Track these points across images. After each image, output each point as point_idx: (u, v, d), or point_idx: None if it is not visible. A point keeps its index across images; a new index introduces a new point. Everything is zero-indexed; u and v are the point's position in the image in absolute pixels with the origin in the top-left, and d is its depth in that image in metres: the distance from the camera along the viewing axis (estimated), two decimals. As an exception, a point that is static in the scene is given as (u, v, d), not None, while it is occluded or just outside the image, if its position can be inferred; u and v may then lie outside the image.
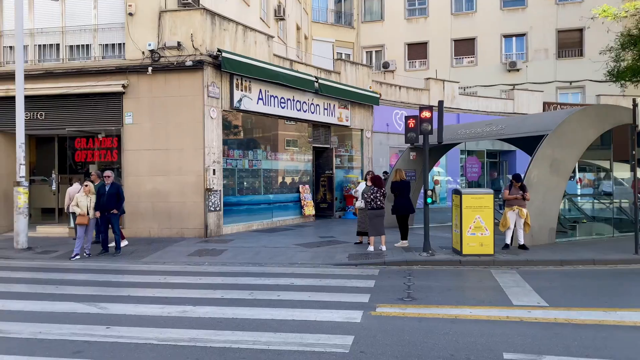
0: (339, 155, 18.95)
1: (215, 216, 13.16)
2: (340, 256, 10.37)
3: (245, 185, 14.90)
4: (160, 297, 7.16)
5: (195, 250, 11.17)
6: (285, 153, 16.47)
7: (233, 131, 14.50)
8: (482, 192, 10.28)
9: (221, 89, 13.44)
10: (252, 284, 8.01)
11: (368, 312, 6.28)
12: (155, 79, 13.03)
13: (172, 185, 13.01)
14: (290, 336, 5.35)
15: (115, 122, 13.33)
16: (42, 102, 13.50)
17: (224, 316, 6.17)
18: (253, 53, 14.47)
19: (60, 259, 10.50)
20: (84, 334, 5.47)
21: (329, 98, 17.29)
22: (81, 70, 13.28)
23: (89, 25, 13.51)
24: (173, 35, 12.94)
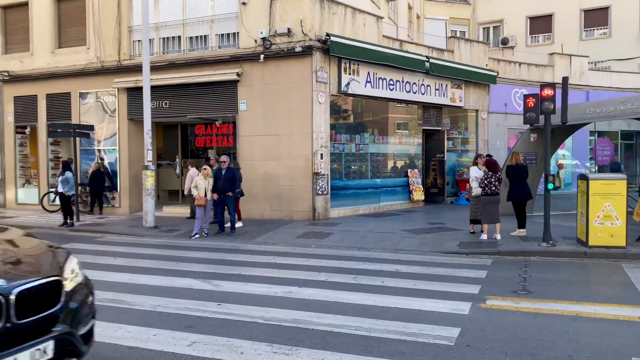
0: (451, 138, 18.20)
1: (322, 200, 13.32)
2: (450, 244, 9.96)
3: (353, 170, 14.89)
4: (268, 277, 7.39)
5: (303, 232, 11.41)
6: (393, 136, 16.16)
7: (341, 115, 14.51)
8: (614, 178, 9.23)
9: (329, 74, 13.46)
10: (356, 269, 7.97)
11: (477, 304, 5.93)
12: (267, 66, 13.39)
13: (282, 169, 13.37)
14: (392, 324, 5.21)
15: (230, 109, 13.96)
16: (166, 92, 14.54)
17: (327, 299, 6.18)
18: (362, 35, 14.29)
19: (182, 238, 11.31)
20: (197, 309, 5.79)
21: (440, 78, 16.61)
22: (199, 60, 14.06)
23: (206, 17, 14.24)
24: (283, 22, 13.18)
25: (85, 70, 15.62)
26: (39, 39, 16.55)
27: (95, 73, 15.49)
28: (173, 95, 14.57)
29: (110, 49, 15.31)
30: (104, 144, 15.83)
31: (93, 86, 15.67)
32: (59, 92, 16.14)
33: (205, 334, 4.98)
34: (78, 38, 16.08)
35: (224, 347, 4.59)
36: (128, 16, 15.19)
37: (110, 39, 15.29)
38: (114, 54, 15.24)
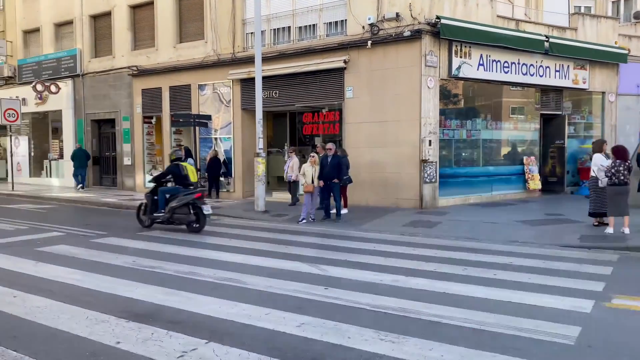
0: (573, 123, 16.82)
1: (430, 188, 13.03)
2: (569, 237, 9.27)
3: (463, 157, 14.36)
4: (374, 265, 7.41)
5: (409, 221, 11.26)
6: (507, 122, 15.31)
7: (451, 100, 14.03)
8: None
9: (439, 58, 13.05)
10: (466, 260, 7.71)
11: (601, 302, 5.47)
12: (374, 52, 13.30)
13: (388, 156, 13.26)
14: (505, 319, 4.98)
15: (337, 96, 14.10)
16: (276, 82, 15.03)
17: (435, 290, 6.06)
18: (474, 17, 13.65)
19: (290, 222, 11.70)
20: (305, 292, 5.97)
21: (561, 58, 15.37)
22: (308, 49, 14.33)
23: (314, 5, 14.46)
24: (392, 7, 12.97)
25: (203, 63, 16.63)
26: (163, 35, 17.89)
27: (212, 65, 16.43)
28: (282, 84, 15.03)
29: (225, 42, 16.13)
30: (220, 133, 16.79)
31: (210, 78, 16.65)
32: (180, 84, 17.36)
33: (314, 316, 5.12)
34: (197, 33, 17.15)
35: (332, 331, 4.69)
36: (242, 10, 15.87)
37: (225, 33, 16.11)
38: (228, 46, 16.05)
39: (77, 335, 4.59)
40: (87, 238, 9.72)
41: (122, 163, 19.57)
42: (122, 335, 4.59)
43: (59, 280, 6.54)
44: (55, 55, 21.20)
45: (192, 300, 5.67)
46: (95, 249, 8.68)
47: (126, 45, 18.99)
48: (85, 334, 4.60)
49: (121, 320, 4.96)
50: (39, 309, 5.35)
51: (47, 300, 5.66)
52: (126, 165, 19.41)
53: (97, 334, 4.60)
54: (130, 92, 18.94)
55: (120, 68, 19.10)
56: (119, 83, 19.28)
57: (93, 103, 20.27)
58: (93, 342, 4.43)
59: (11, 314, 5.19)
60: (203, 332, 4.65)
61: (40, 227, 10.98)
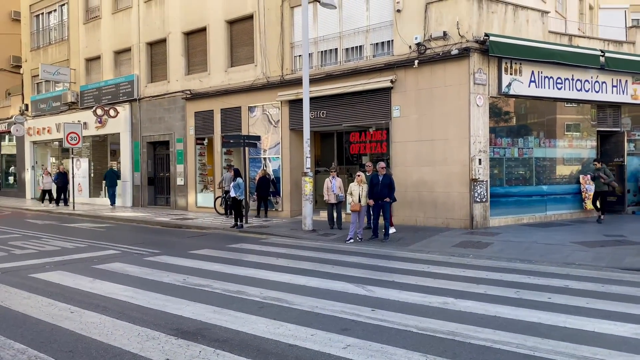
0: (633, 140, 16.05)
1: (481, 207, 12.71)
2: (631, 259, 8.79)
3: (515, 175, 13.96)
4: (422, 286, 7.26)
5: (459, 241, 11.00)
6: (562, 139, 14.80)
7: (501, 118, 13.72)
8: None
9: (488, 75, 12.85)
10: (518, 282, 7.44)
11: (667, 330, 5.14)
12: (421, 71, 13.25)
13: (437, 175, 13.08)
14: (560, 345, 4.76)
15: (384, 116, 14.09)
16: (324, 102, 15.20)
17: (486, 313, 5.87)
18: (524, 33, 13.39)
19: (337, 242, 11.68)
20: (351, 313, 5.92)
21: (618, 73, 14.79)
22: (355, 70, 14.45)
23: (361, 27, 14.59)
24: (439, 26, 12.93)
25: (253, 85, 17.06)
26: (215, 60, 18.52)
27: (261, 88, 16.84)
28: (329, 105, 15.18)
29: (274, 65, 16.51)
30: (268, 153, 17.10)
31: (259, 100, 17.05)
32: (230, 107, 17.86)
33: (360, 338, 5.06)
34: (247, 57, 17.65)
35: (378, 353, 4.62)
36: (290, 33, 16.23)
37: (274, 56, 16.50)
38: (277, 69, 16.41)
39: (128, 351, 4.74)
40: (141, 256, 10.05)
41: (175, 183, 20.23)
42: (171, 352, 4.70)
43: (113, 297, 6.78)
44: (114, 81, 22.34)
45: (239, 319, 5.74)
46: (148, 267, 8.96)
47: (180, 70, 19.77)
48: (137, 350, 4.74)
49: (170, 338, 5.08)
50: (94, 324, 5.57)
51: (101, 316, 5.88)
52: (179, 185, 20.04)
53: (147, 350, 4.73)
54: (184, 115, 19.64)
55: (174, 92, 19.87)
56: (173, 106, 20.05)
57: (149, 126, 21.15)
58: (143, 358, 4.55)
59: (68, 329, 5.42)
60: (249, 351, 4.69)
61: (98, 245, 11.47)
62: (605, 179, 13.48)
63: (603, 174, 13.53)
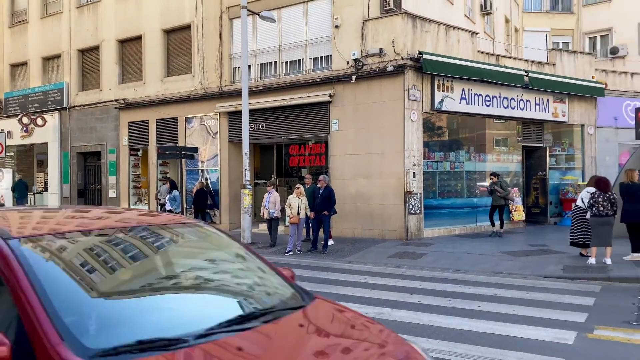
0: (554, 155, 17.16)
1: (415, 219, 13.11)
2: (553, 268, 9.35)
3: (447, 188, 14.52)
4: (359, 297, 7.39)
5: (395, 252, 11.29)
6: (490, 154, 15.58)
7: (434, 133, 14.27)
8: None
9: (422, 92, 13.34)
10: (450, 291, 7.73)
11: (583, 333, 5.51)
12: (358, 86, 13.57)
13: (374, 188, 13.38)
14: (489, 351, 4.99)
15: (323, 129, 14.28)
16: (263, 115, 15.21)
17: (420, 322, 6.06)
18: (456, 52, 14.04)
19: (276, 254, 11.65)
20: (289, 326, 5.92)
21: (541, 92, 15.80)
22: (294, 83, 14.58)
23: (300, 41, 14.77)
24: (375, 43, 13.31)
25: (191, 96, 16.80)
26: (151, 69, 18.09)
27: (199, 99, 16.61)
28: (269, 117, 15.20)
29: (212, 76, 16.35)
30: (206, 165, 16.84)
31: (197, 111, 16.80)
32: (167, 117, 17.47)
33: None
34: (184, 67, 17.38)
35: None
36: (229, 45, 16.15)
37: (212, 67, 16.35)
38: (216, 80, 16.26)
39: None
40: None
41: (107, 195, 19.45)
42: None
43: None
44: (42, 89, 21.28)
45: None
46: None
47: (114, 78, 19.14)
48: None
49: None
50: None
51: None
52: (111, 198, 19.29)
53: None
54: (117, 125, 19.00)
55: (107, 101, 19.20)
56: (106, 116, 19.35)
57: (79, 136, 20.27)
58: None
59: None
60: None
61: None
62: (501, 192, 13.28)
63: (499, 187, 13.34)
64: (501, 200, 13.41)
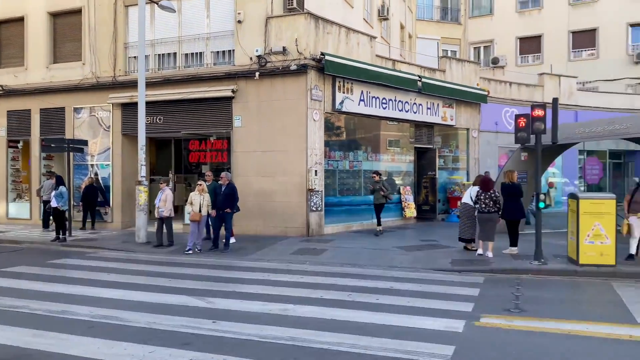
0: (443, 156, 18.39)
1: (316, 216, 13.38)
2: (442, 261, 10.04)
3: (346, 186, 14.98)
4: (263, 294, 7.40)
5: (297, 249, 11.44)
6: (386, 154, 16.31)
7: (335, 132, 14.65)
8: (603, 197, 9.39)
9: (324, 92, 13.63)
10: (351, 286, 8.00)
11: (471, 322, 5.99)
12: (262, 83, 13.53)
13: (277, 185, 13.43)
14: (388, 342, 5.25)
15: (225, 125, 14.05)
16: (161, 107, 14.60)
17: (323, 317, 6.21)
18: (355, 55, 14.51)
19: (175, 254, 11.28)
20: (192, 327, 5.79)
21: (432, 97, 16.84)
22: (195, 76, 14.18)
23: (202, 34, 14.39)
24: (279, 41, 13.35)
25: (80, 85, 15.68)
26: (34, 53, 16.60)
27: (90, 88, 15.55)
28: (168, 111, 14.64)
29: (105, 65, 15.39)
30: (97, 159, 15.82)
31: (88, 101, 15.71)
32: (53, 107, 16.15)
33: (202, 351, 4.99)
34: (73, 54, 16.16)
35: (221, 365, 4.60)
36: (124, 33, 15.30)
37: (105, 55, 15.39)
38: (109, 69, 15.32)
39: None
40: None
41: (-21, 191, 17.55)
42: (-18, 386, 4.10)
43: None
44: None
45: (65, 341, 5.24)
46: (-54, 289, 7.66)
47: (-11, 62, 17.31)
48: None
49: (-19, 370, 4.44)
50: None
51: None
52: (-15, 194, 17.44)
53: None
54: (-7, 113, 17.20)
55: (-19, 86, 17.30)
56: (-21, 103, 17.43)
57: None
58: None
59: None
60: (80, 376, 4.31)
61: None
62: (384, 191, 13.45)
63: (382, 186, 13.53)
64: (382, 199, 13.50)
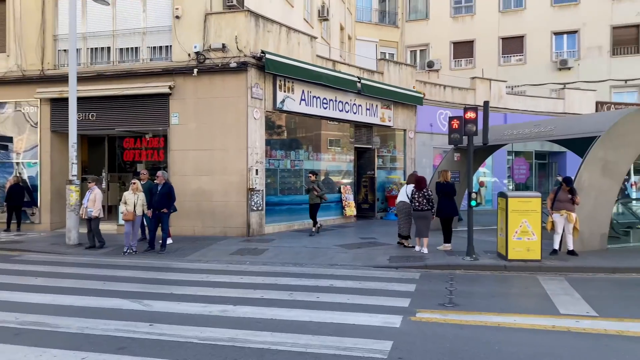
0: (381, 156, 18.80)
1: (257, 216, 13.31)
2: (381, 258, 10.27)
3: (287, 185, 14.99)
4: (202, 296, 7.28)
5: (237, 249, 11.33)
6: (327, 153, 16.47)
7: (276, 131, 14.62)
8: (530, 195, 9.95)
9: (264, 90, 13.57)
10: (291, 285, 8.03)
11: (408, 317, 6.18)
12: (201, 80, 13.29)
13: (216, 184, 13.23)
14: (328, 339, 5.32)
15: (162, 122, 13.68)
16: (94, 104, 14.01)
17: (264, 317, 6.20)
18: (296, 54, 14.54)
19: (108, 255, 10.87)
20: (128, 330, 5.62)
21: (371, 98, 17.17)
22: (130, 72, 13.70)
23: (138, 29, 13.93)
24: (218, 37, 13.16)
25: (4, 78, 14.75)
26: (-49, 43, 15.46)
27: (15, 82, 14.67)
28: (101, 107, 14.06)
29: (32, 57, 14.57)
30: (23, 157, 14.95)
31: (12, 96, 14.81)
32: (-28, 101, 15.10)
33: (137, 355, 4.86)
34: (-4, 44, 15.19)
35: (159, 369, 4.50)
36: (53, 24, 14.55)
37: (32, 47, 14.57)
38: (36, 62, 14.52)
39: None
40: None
41: None
42: None
43: None
44: None
45: (-12, 351, 4.94)
46: None
47: None
48: None
49: None
50: None
51: None
52: None
53: None
54: None
55: None
56: None
57: None
58: None
59: None
60: (5, 386, 4.08)
61: None
62: (318, 191, 13.33)
63: (317, 187, 13.42)
64: (317, 199, 13.39)
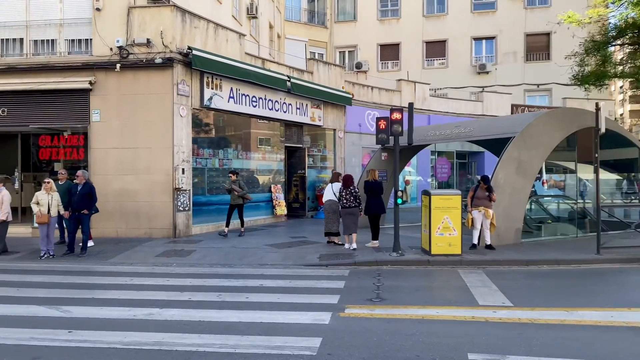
0: (312, 155, 18.95)
1: (184, 216, 12.99)
2: (311, 257, 10.36)
3: (215, 185, 14.74)
4: (126, 300, 7.03)
5: (163, 250, 11.01)
6: (256, 152, 16.37)
7: (203, 130, 14.33)
8: (450, 193, 10.44)
9: (191, 87, 13.26)
10: (220, 286, 7.93)
11: (337, 313, 6.29)
12: (124, 76, 12.77)
13: (140, 184, 12.77)
14: (257, 339, 5.31)
15: (81, 119, 13.00)
16: (5, 98, 13.08)
17: (191, 319, 6.09)
18: (224, 51, 14.33)
19: (22, 260, 10.21)
20: (44, 339, 5.32)
21: (301, 97, 17.26)
22: (46, 65, 12.91)
23: (54, 20, 13.14)
24: (142, 32, 12.69)
25: None
26: None
27: None
28: (13, 102, 13.14)
29: None
30: None
31: None
32: None
33: (56, 365, 4.61)
34: None
35: (79, 377, 4.30)
36: (-43, 11, 13.41)
37: None
38: (-63, 52, 13.33)
39: None
40: None
41: None
42: None
43: None
44: None
45: None
46: None
47: None
48: None
49: None
50: None
51: None
52: None
53: None
54: None
55: None
56: None
57: None
58: None
59: None
60: None
61: None
62: (239, 191, 12.91)
63: (238, 186, 12.96)
64: (239, 200, 12.97)
